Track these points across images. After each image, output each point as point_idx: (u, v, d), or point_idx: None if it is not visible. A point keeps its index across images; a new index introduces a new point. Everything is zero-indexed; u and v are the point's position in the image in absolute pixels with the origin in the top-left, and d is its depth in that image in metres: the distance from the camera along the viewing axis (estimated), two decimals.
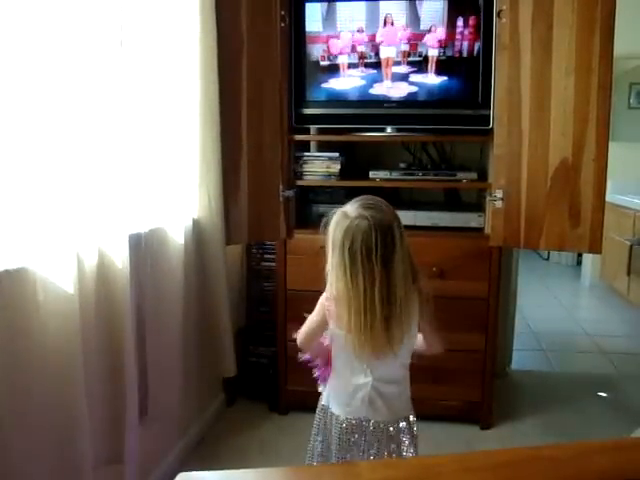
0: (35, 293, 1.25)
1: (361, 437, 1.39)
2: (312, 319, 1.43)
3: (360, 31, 2.29)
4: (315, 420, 1.48)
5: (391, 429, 1.39)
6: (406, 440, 1.40)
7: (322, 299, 1.39)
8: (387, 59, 2.30)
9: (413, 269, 1.32)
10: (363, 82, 2.33)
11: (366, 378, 1.37)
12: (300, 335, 1.46)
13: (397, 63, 2.29)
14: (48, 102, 1.27)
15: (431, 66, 2.27)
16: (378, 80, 2.32)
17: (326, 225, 1.31)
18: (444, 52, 2.25)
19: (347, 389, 1.39)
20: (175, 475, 0.89)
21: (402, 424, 1.40)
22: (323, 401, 1.47)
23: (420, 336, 1.42)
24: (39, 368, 1.26)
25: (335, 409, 1.42)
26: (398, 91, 2.31)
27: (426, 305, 1.36)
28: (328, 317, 1.36)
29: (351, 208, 1.29)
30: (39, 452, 1.25)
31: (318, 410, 1.48)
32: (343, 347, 1.35)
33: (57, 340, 1.29)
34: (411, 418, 1.43)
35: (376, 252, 1.23)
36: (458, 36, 2.23)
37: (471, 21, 2.21)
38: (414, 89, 2.30)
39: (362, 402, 1.38)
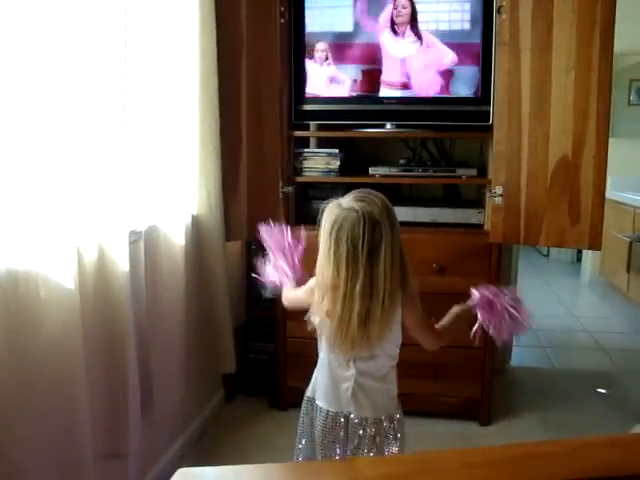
0: (36, 289, 1.25)
1: (343, 431, 1.37)
2: (301, 296, 1.42)
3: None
4: (301, 414, 1.46)
5: (373, 428, 1.37)
6: (388, 440, 1.38)
7: (311, 282, 1.38)
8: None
9: (403, 266, 1.31)
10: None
11: (350, 371, 1.35)
12: (286, 300, 1.49)
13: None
14: (48, 99, 1.27)
15: None
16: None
17: (322, 213, 1.33)
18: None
19: (332, 381, 1.38)
20: (175, 470, 0.89)
21: (385, 423, 1.38)
22: (308, 392, 1.45)
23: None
24: (41, 363, 1.26)
25: (320, 401, 1.41)
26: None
27: (410, 304, 1.35)
28: (315, 305, 1.35)
29: (345, 199, 1.30)
30: (42, 446, 1.26)
31: (304, 402, 1.46)
32: (327, 337, 1.34)
33: (58, 335, 1.29)
34: (397, 417, 1.40)
35: (362, 245, 1.23)
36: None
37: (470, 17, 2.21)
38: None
39: (345, 395, 1.36)
